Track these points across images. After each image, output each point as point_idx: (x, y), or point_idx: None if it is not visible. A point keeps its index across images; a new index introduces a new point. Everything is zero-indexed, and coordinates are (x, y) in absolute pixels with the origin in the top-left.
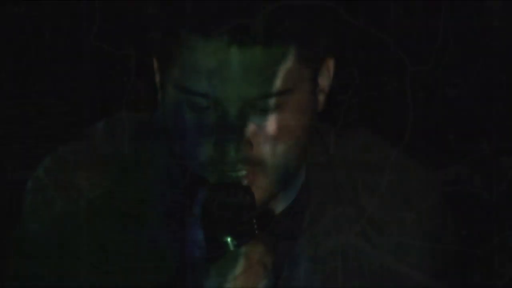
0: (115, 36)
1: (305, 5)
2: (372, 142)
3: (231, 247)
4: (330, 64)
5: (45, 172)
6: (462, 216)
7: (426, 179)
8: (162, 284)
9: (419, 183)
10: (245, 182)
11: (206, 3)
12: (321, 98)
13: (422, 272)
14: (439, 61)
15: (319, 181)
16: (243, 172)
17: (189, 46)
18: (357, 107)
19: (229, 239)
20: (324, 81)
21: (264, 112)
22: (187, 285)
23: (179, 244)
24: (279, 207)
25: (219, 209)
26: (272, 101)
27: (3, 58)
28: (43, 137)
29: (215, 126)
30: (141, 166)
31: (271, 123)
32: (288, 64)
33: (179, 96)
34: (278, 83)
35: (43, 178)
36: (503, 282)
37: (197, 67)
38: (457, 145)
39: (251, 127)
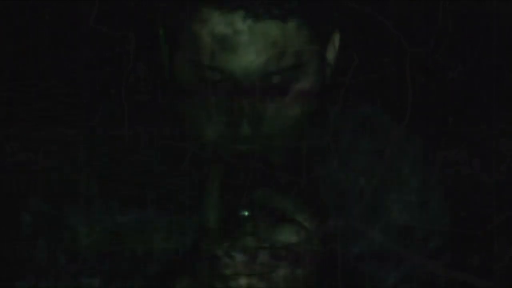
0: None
1: None
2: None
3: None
4: (336, 37)
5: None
6: (461, 198)
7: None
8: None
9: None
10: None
11: None
12: (328, 71)
13: (421, 254)
14: (439, 43)
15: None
16: (254, 148)
17: (202, 19)
18: (356, 89)
19: (246, 213)
20: (331, 55)
21: (277, 87)
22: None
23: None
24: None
25: (236, 184)
26: (284, 76)
27: (2, 40)
28: (43, 119)
29: (228, 101)
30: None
31: (283, 98)
32: (300, 39)
33: (189, 70)
34: (290, 58)
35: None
36: (502, 264)
37: (210, 41)
38: (456, 127)
39: (264, 103)
